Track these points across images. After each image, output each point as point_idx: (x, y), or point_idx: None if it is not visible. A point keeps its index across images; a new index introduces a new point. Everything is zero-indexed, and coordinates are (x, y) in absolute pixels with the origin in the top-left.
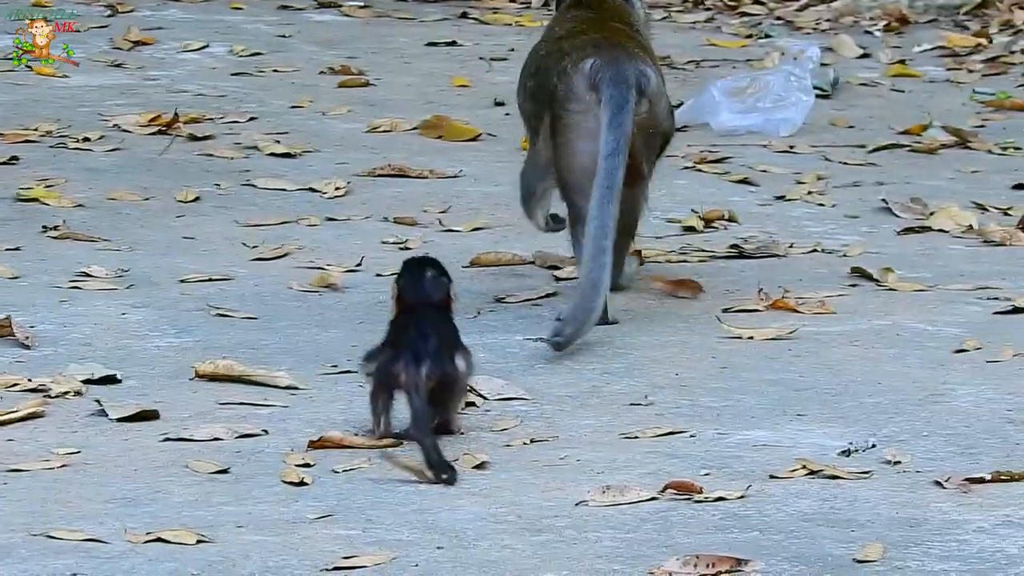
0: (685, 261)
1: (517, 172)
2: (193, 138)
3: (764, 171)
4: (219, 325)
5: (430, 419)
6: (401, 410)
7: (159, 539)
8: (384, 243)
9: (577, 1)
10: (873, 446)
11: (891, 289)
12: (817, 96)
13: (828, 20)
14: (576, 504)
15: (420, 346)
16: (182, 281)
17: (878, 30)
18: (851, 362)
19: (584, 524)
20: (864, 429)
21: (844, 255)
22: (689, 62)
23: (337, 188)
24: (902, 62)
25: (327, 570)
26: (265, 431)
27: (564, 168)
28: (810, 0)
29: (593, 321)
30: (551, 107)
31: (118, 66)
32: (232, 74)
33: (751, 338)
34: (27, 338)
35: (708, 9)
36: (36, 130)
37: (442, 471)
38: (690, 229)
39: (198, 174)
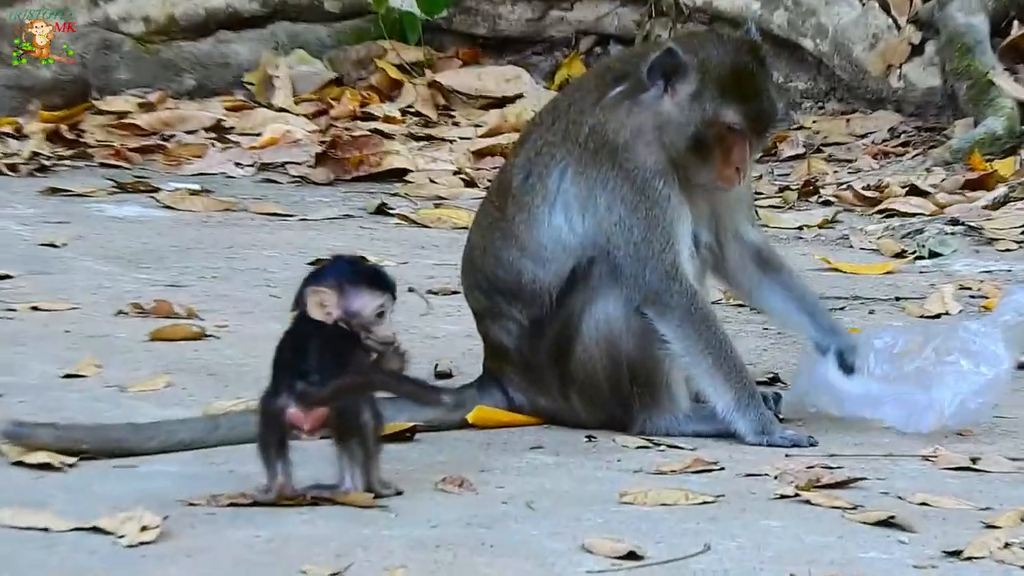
0: None
1: (465, 501)
2: None
3: (924, 504)
4: None
5: None
6: None
7: None
8: None
9: None
10: None
11: None
12: (1022, 367)
13: None
14: None
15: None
16: None
17: None
18: None
19: None
20: None
21: None
22: None
23: (144, 529)
24: None
25: None
26: None
27: None
28: (1012, 191)
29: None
30: None
31: None
32: None
33: None
34: None
35: (827, 203)
36: None
37: None
38: None
39: None
